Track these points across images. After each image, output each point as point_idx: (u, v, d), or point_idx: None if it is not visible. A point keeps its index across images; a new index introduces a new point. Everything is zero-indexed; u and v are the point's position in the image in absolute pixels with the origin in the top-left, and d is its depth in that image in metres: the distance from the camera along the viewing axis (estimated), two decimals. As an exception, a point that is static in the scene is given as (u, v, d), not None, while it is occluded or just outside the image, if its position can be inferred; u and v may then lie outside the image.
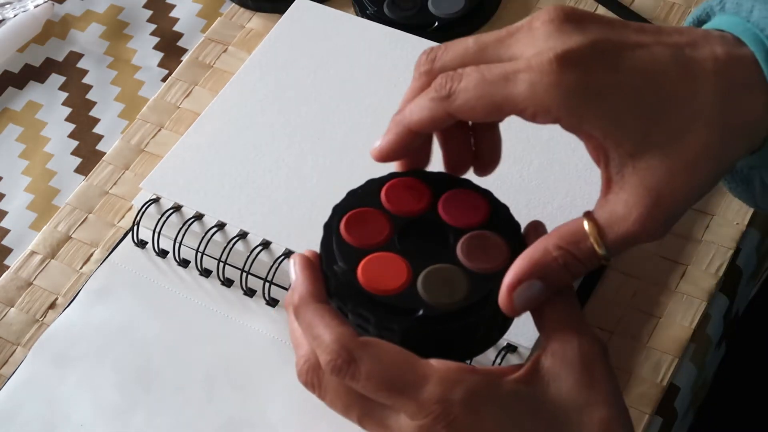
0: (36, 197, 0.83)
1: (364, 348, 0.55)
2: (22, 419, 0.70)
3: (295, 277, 0.59)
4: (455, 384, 0.53)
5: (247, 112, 0.80)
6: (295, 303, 0.58)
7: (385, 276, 0.57)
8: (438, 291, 0.56)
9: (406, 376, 0.54)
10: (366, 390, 0.55)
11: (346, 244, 0.58)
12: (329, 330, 0.56)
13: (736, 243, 0.75)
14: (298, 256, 0.59)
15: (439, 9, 0.86)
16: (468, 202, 0.60)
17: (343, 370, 0.55)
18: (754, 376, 1.07)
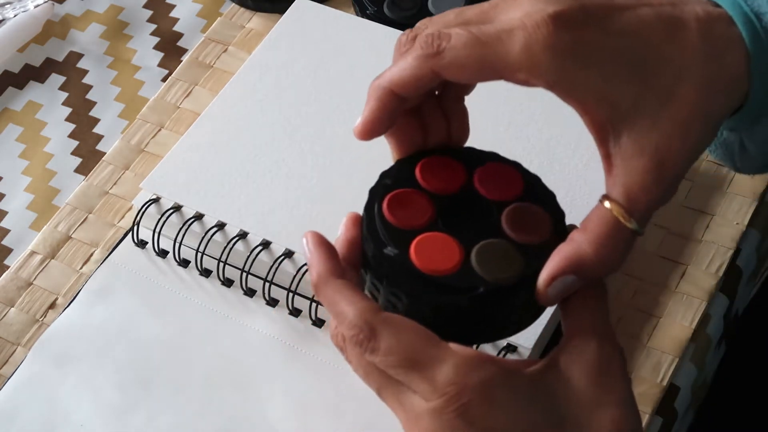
0: (36, 197, 0.83)
1: (385, 324, 0.54)
2: (22, 419, 0.70)
3: (310, 255, 0.58)
4: (471, 369, 0.53)
5: (247, 112, 0.80)
6: (314, 282, 0.57)
7: (439, 256, 0.56)
8: (494, 267, 0.56)
9: (423, 355, 0.53)
10: (384, 365, 0.54)
11: (392, 226, 0.57)
12: (351, 305, 0.55)
13: (736, 243, 0.75)
14: (310, 234, 0.58)
15: (439, 9, 0.86)
16: (502, 174, 0.59)
17: (363, 344, 0.54)
18: (754, 376, 1.07)
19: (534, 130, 0.78)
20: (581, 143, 0.77)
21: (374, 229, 0.57)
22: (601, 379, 0.54)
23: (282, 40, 0.84)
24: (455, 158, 0.60)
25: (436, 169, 0.59)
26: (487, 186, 0.59)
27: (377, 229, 0.57)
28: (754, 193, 0.77)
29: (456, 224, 0.57)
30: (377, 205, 0.58)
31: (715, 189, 0.77)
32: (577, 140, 0.77)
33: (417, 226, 0.57)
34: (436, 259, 0.56)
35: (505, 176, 0.59)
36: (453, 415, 0.53)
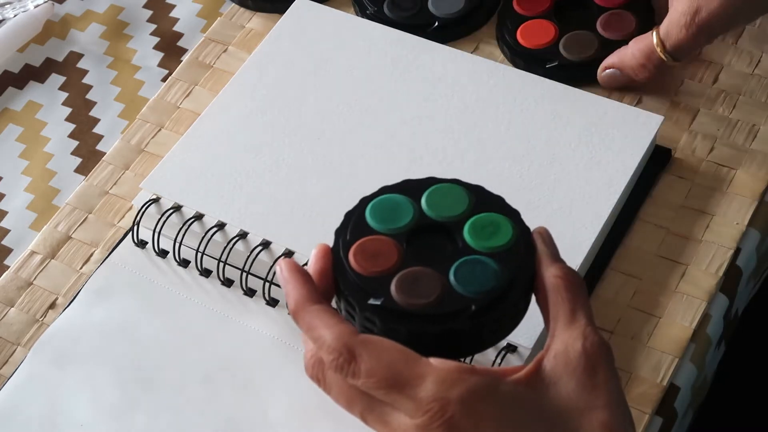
0: (36, 197, 0.83)
1: (363, 345, 0.55)
2: (22, 419, 0.70)
3: (285, 282, 0.59)
4: (453, 383, 0.53)
5: (247, 112, 0.80)
6: (292, 308, 0.58)
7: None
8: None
9: (404, 373, 0.54)
10: (366, 387, 0.55)
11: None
12: (329, 329, 0.56)
13: (736, 243, 0.75)
14: (284, 262, 0.60)
15: (439, 9, 0.86)
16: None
17: (344, 368, 0.55)
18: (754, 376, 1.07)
19: (534, 130, 0.78)
20: (581, 143, 0.77)
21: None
22: (588, 381, 0.54)
23: (282, 40, 0.84)
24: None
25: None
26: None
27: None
28: (754, 193, 0.77)
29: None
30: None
31: (715, 189, 0.77)
32: (578, 140, 0.77)
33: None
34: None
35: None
36: (441, 430, 0.53)
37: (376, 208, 0.61)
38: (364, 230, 0.60)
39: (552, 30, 0.83)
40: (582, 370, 0.54)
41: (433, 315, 0.57)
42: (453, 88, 0.80)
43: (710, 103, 0.82)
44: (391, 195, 0.61)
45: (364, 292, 0.58)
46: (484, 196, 0.61)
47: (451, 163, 0.76)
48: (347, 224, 0.61)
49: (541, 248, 0.59)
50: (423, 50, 0.83)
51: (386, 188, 0.62)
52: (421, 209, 0.61)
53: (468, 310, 0.57)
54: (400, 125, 0.79)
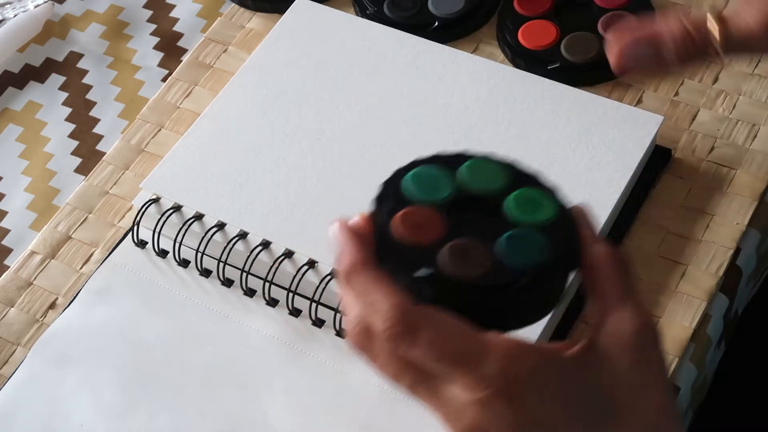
0: (36, 197, 0.83)
1: (424, 316, 0.53)
2: (22, 419, 0.70)
3: (342, 243, 0.57)
4: (518, 359, 0.52)
5: (247, 112, 0.80)
6: (346, 269, 0.56)
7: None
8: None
9: (466, 347, 0.53)
10: (424, 359, 0.53)
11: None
12: (387, 297, 0.54)
13: (736, 243, 0.75)
14: (338, 222, 0.57)
15: (439, 9, 0.86)
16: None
17: (401, 337, 0.53)
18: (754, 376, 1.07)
19: (534, 130, 0.78)
20: (581, 143, 0.77)
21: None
22: (641, 360, 0.54)
23: (282, 40, 0.84)
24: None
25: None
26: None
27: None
28: (754, 193, 0.77)
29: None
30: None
31: (715, 189, 0.77)
32: (578, 140, 0.77)
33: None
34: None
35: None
36: (503, 406, 0.52)
37: (416, 178, 0.59)
38: (405, 201, 0.58)
39: (553, 31, 0.83)
40: (635, 349, 0.54)
41: (484, 287, 0.55)
42: (453, 88, 0.80)
43: (710, 103, 0.82)
44: (428, 167, 0.60)
45: (410, 263, 0.56)
46: (521, 172, 0.60)
47: (451, 163, 0.76)
48: (386, 194, 0.59)
49: (585, 225, 0.58)
50: (423, 50, 0.83)
51: (419, 161, 0.61)
52: (459, 182, 0.59)
53: (519, 282, 0.55)
54: (400, 125, 0.79)
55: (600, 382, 0.54)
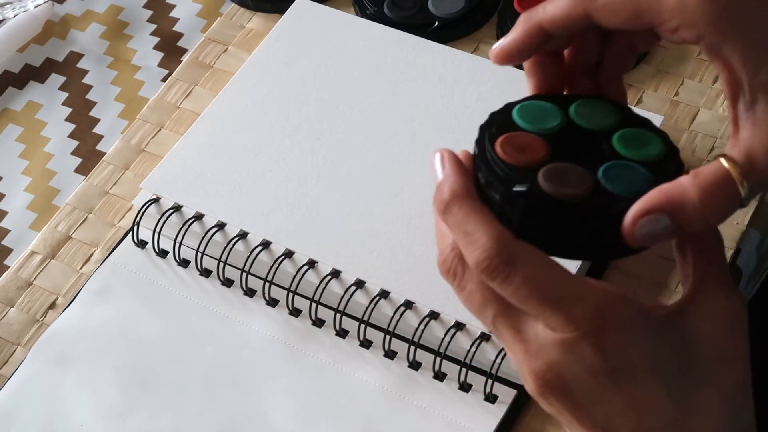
0: (36, 197, 0.83)
1: (523, 252, 0.53)
2: (22, 419, 0.70)
3: (445, 172, 0.56)
4: (612, 307, 0.52)
5: (247, 112, 0.80)
6: (446, 198, 0.55)
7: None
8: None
9: (562, 287, 0.53)
10: (516, 295, 0.53)
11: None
12: (487, 228, 0.54)
13: (736, 243, 0.75)
14: (445, 151, 0.57)
15: (439, 9, 0.86)
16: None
17: (497, 270, 0.53)
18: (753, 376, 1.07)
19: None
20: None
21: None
22: (730, 335, 0.54)
23: (282, 40, 0.84)
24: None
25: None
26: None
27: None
28: (754, 193, 0.77)
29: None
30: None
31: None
32: (577, 140, 0.77)
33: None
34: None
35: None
36: (589, 349, 0.52)
37: (525, 109, 0.59)
38: (511, 127, 0.58)
39: None
40: (726, 323, 0.54)
41: (581, 207, 0.54)
42: (453, 88, 0.80)
43: (710, 103, 0.82)
44: (539, 101, 0.60)
45: (509, 181, 0.55)
46: (632, 114, 0.60)
47: (451, 163, 0.76)
48: (493, 121, 0.59)
49: None
50: (423, 50, 0.83)
51: (532, 96, 0.61)
52: (569, 116, 0.59)
53: (618, 206, 0.54)
54: (400, 125, 0.79)
55: (685, 344, 0.53)
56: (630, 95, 0.82)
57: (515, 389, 0.69)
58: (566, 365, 0.53)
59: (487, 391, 0.68)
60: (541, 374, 0.53)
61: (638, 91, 0.82)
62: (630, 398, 0.53)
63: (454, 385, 0.69)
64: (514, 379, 0.69)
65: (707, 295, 0.55)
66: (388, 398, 0.69)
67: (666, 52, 0.84)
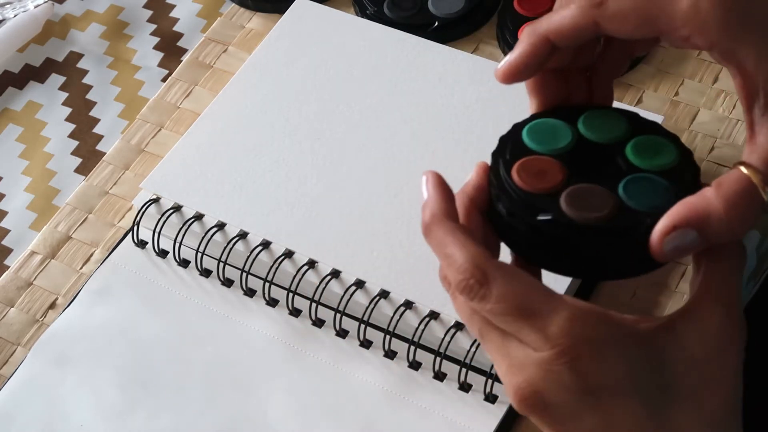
0: (36, 197, 0.83)
1: (497, 269, 0.53)
2: (22, 419, 0.70)
3: (427, 194, 0.57)
4: (587, 323, 0.52)
5: (247, 112, 0.80)
6: (426, 221, 0.56)
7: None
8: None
9: (536, 304, 0.52)
10: (493, 313, 0.53)
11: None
12: (462, 249, 0.54)
13: (736, 243, 0.75)
14: (430, 173, 0.58)
15: (439, 9, 0.86)
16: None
17: (473, 291, 0.53)
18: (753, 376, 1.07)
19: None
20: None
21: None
22: (718, 357, 0.53)
23: (282, 40, 0.84)
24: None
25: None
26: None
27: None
28: (754, 193, 0.77)
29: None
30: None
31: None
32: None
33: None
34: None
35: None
36: (563, 368, 0.52)
37: (534, 130, 0.59)
38: (524, 151, 0.58)
39: None
40: (715, 343, 0.53)
41: (607, 229, 0.54)
42: (453, 88, 0.80)
43: (710, 103, 0.82)
44: (546, 119, 0.59)
45: (531, 209, 0.55)
46: (640, 121, 0.59)
47: (451, 163, 0.76)
48: (505, 146, 0.59)
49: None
50: (423, 50, 0.83)
51: (537, 114, 0.60)
52: (578, 132, 0.59)
53: (643, 224, 0.54)
54: (399, 125, 0.79)
55: (667, 362, 0.53)
56: (630, 95, 0.82)
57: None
58: (544, 383, 0.53)
59: (487, 391, 0.68)
60: (520, 391, 0.53)
61: (638, 91, 0.82)
62: (607, 416, 0.53)
63: (454, 385, 0.69)
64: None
65: (703, 311, 0.54)
66: (388, 398, 0.69)
67: (666, 52, 0.84)
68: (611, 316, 0.53)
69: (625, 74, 0.83)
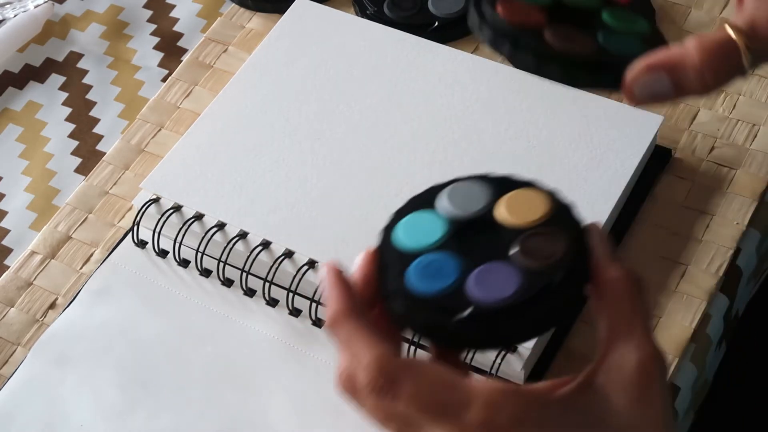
0: (36, 197, 0.83)
1: (405, 369, 0.53)
2: (22, 419, 0.70)
3: (328, 291, 0.56)
4: (500, 406, 0.51)
5: (247, 112, 0.80)
6: (329, 318, 0.55)
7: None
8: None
9: (448, 398, 0.52)
10: (407, 411, 0.53)
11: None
12: (368, 349, 0.53)
13: (736, 243, 0.75)
14: (329, 268, 0.56)
15: (439, 9, 0.86)
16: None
17: (384, 391, 0.53)
18: (754, 376, 1.07)
19: (534, 131, 0.78)
20: (581, 144, 0.77)
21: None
22: (641, 398, 0.52)
23: (282, 40, 0.84)
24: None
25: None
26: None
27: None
28: (754, 193, 0.77)
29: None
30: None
31: (715, 189, 0.77)
32: (577, 140, 0.77)
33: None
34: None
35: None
36: None
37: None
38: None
39: None
40: (636, 386, 0.52)
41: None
42: (453, 88, 0.80)
43: (710, 103, 0.82)
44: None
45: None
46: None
47: (451, 163, 0.76)
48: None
49: (597, 246, 0.55)
50: (423, 50, 0.83)
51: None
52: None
53: (622, 66, 0.55)
54: (400, 125, 0.79)
55: (590, 422, 0.52)
56: (630, 95, 0.82)
57: (515, 389, 0.69)
58: None
59: (487, 391, 0.68)
60: None
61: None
62: None
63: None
64: (514, 379, 0.69)
65: (616, 357, 0.53)
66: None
67: (666, 52, 0.84)
68: (526, 391, 0.53)
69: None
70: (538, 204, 0.57)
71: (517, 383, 0.53)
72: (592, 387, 0.53)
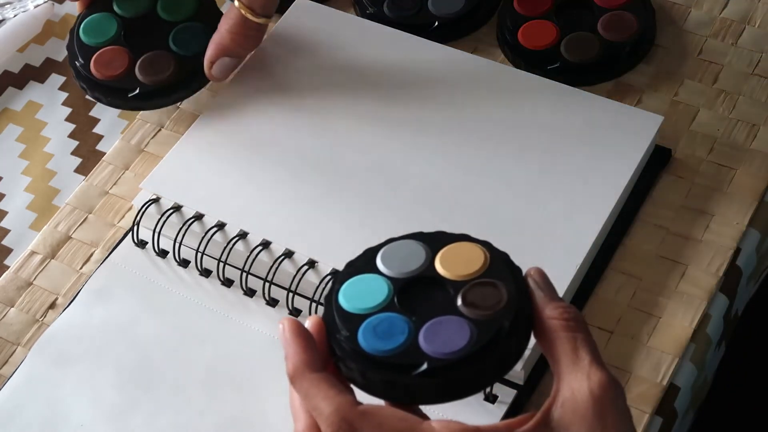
0: (36, 197, 0.83)
1: (363, 418, 0.54)
2: (22, 419, 0.70)
3: (286, 345, 0.58)
4: None
5: (247, 112, 0.80)
6: (290, 373, 0.57)
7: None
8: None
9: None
10: None
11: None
12: (328, 401, 0.55)
13: (736, 243, 0.75)
14: (286, 321, 0.59)
15: (439, 9, 0.86)
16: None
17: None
18: (754, 376, 1.07)
19: (534, 130, 0.78)
20: (581, 143, 0.77)
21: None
22: (597, 425, 0.53)
23: (282, 40, 0.84)
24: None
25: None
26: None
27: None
28: (754, 193, 0.77)
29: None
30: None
31: (715, 189, 0.77)
32: (577, 140, 0.77)
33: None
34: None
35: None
36: None
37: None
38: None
39: (553, 31, 0.83)
40: (591, 414, 0.53)
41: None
42: (453, 88, 0.80)
43: (710, 103, 0.82)
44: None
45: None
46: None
47: (450, 163, 0.76)
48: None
49: (536, 290, 0.57)
50: (423, 50, 0.83)
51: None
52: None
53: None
54: (399, 125, 0.79)
55: None
56: (630, 95, 0.82)
57: (515, 389, 0.69)
58: None
59: (487, 391, 0.68)
60: None
61: (638, 91, 0.82)
62: None
63: (454, 385, 0.69)
64: (514, 380, 0.69)
65: (568, 388, 0.54)
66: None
67: (666, 52, 0.84)
68: (485, 430, 0.54)
69: (625, 74, 0.83)
70: (474, 256, 0.59)
71: (476, 425, 0.54)
72: (549, 422, 0.54)
